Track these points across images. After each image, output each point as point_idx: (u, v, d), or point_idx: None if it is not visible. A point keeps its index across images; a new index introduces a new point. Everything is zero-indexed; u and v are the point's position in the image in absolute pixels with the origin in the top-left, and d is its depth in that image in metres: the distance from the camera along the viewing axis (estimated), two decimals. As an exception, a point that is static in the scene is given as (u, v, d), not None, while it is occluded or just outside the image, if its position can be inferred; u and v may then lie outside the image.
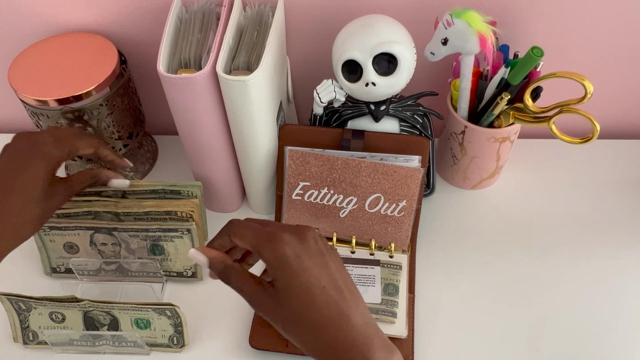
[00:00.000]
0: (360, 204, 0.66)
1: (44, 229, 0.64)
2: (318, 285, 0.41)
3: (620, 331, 0.63)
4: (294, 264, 0.41)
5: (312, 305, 0.41)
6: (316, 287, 0.41)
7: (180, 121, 0.62)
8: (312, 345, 0.41)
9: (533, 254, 0.69)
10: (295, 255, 0.42)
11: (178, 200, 0.65)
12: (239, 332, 0.63)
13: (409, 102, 0.67)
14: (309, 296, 0.41)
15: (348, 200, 0.66)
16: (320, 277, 0.42)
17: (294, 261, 0.41)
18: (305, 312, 0.41)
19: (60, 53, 0.68)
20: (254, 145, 0.64)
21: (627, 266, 0.68)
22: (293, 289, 0.41)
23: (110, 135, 0.70)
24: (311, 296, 0.41)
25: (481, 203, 0.75)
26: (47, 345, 0.62)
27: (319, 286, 0.41)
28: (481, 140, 0.69)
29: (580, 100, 0.60)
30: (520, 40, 0.71)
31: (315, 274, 0.42)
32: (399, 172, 0.64)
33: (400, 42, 0.60)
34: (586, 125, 0.61)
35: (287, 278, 0.41)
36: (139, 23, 0.71)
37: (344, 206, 0.66)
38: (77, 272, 0.66)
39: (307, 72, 0.76)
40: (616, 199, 0.75)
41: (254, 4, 0.65)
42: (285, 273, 0.41)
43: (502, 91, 0.64)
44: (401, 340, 0.60)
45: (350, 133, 0.66)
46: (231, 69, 0.60)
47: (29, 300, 0.60)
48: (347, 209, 0.66)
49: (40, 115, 0.66)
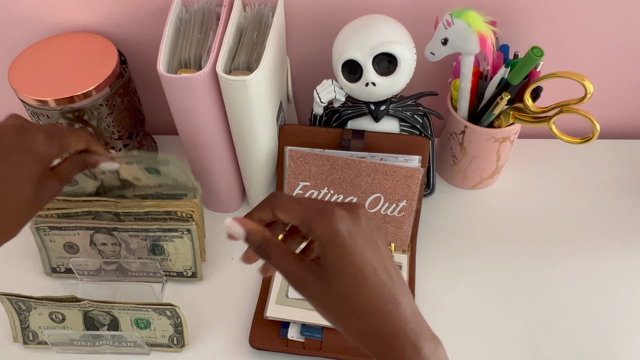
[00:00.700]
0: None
1: (44, 229, 0.64)
2: (370, 266, 0.38)
3: (620, 331, 0.63)
4: (347, 241, 0.38)
5: (363, 288, 0.38)
6: (368, 269, 0.38)
7: (180, 121, 0.62)
8: (357, 330, 0.38)
9: (533, 254, 0.69)
10: (349, 232, 0.39)
11: (178, 200, 0.65)
12: (239, 332, 0.63)
13: (409, 102, 0.67)
14: (359, 278, 0.38)
15: (348, 200, 0.66)
16: (372, 259, 0.39)
17: (347, 238, 0.38)
18: (354, 295, 0.38)
19: (60, 53, 0.68)
20: (254, 145, 0.64)
21: (628, 266, 0.68)
22: (343, 269, 0.38)
23: (110, 135, 0.70)
24: (362, 278, 0.38)
25: (481, 203, 0.75)
26: (47, 345, 0.62)
27: (371, 268, 0.38)
28: (481, 140, 0.69)
29: (580, 100, 0.60)
30: (520, 40, 0.71)
31: (368, 254, 0.39)
32: (399, 172, 0.64)
33: (400, 42, 0.60)
34: (586, 125, 0.61)
35: (338, 256, 0.38)
36: (139, 23, 0.71)
37: (344, 206, 0.66)
38: (77, 272, 0.66)
39: (307, 72, 0.76)
40: (616, 199, 0.75)
41: (254, 4, 0.65)
42: (337, 250, 0.38)
43: (502, 91, 0.64)
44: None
45: (350, 133, 0.66)
46: (231, 69, 0.60)
47: (29, 300, 0.60)
48: (347, 209, 0.66)
49: (40, 115, 0.66)
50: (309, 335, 0.61)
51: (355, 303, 0.38)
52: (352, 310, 0.38)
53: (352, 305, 0.38)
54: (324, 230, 0.39)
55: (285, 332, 0.61)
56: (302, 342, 0.61)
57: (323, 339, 0.61)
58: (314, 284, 0.39)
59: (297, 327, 0.62)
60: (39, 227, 0.64)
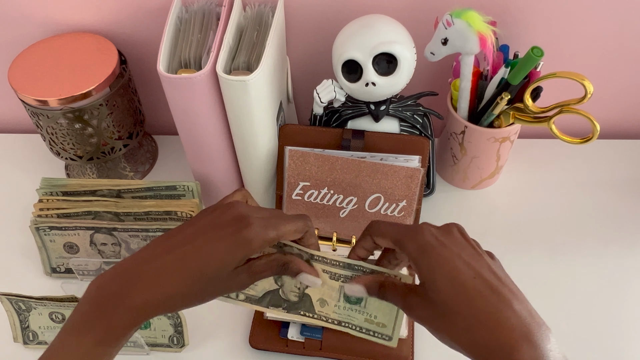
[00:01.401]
0: (361, 204, 0.65)
1: (44, 229, 0.64)
2: (467, 274, 0.38)
3: (620, 331, 0.63)
4: (437, 250, 0.39)
5: (462, 297, 0.37)
6: (465, 277, 0.37)
7: (180, 121, 0.62)
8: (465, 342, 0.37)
9: (533, 254, 0.69)
10: (438, 243, 0.39)
11: (178, 200, 0.65)
12: (239, 332, 0.63)
13: (409, 102, 0.67)
14: (456, 286, 0.37)
15: (348, 200, 0.66)
16: (470, 267, 0.38)
17: (437, 248, 0.39)
18: (454, 303, 0.37)
19: (60, 53, 0.68)
20: (254, 145, 0.64)
21: (628, 266, 0.68)
22: (438, 278, 0.38)
23: (110, 135, 0.70)
24: (460, 286, 0.37)
25: (481, 203, 0.75)
26: (47, 345, 0.62)
27: (469, 276, 0.38)
28: (481, 140, 0.69)
29: (580, 100, 0.60)
30: (520, 40, 0.71)
31: (463, 262, 0.38)
32: (399, 172, 0.64)
33: (400, 42, 0.60)
34: (586, 125, 0.61)
35: (429, 266, 0.38)
36: (139, 23, 0.71)
37: (344, 206, 0.66)
38: (77, 272, 0.66)
39: (307, 72, 0.76)
40: (616, 199, 0.75)
41: (254, 4, 0.65)
42: (428, 261, 0.39)
43: (502, 91, 0.64)
44: (401, 340, 0.60)
45: (350, 133, 0.66)
46: (231, 69, 0.60)
47: (29, 300, 0.60)
48: (347, 209, 0.66)
49: (40, 115, 0.66)
50: (309, 335, 0.61)
51: (458, 312, 0.37)
52: (454, 320, 0.37)
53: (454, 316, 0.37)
54: (413, 245, 0.40)
55: (285, 332, 0.61)
56: (302, 342, 0.61)
57: (323, 339, 0.61)
58: (417, 304, 0.40)
59: (297, 327, 0.62)
60: (39, 227, 0.64)
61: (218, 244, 0.41)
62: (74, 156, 0.70)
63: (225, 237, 0.41)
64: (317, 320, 0.49)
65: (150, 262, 0.41)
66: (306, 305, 0.49)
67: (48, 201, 0.65)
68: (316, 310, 0.49)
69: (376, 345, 0.60)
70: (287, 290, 0.50)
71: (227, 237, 0.41)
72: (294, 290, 0.49)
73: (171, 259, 0.41)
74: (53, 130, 0.68)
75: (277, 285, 0.50)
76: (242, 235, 0.41)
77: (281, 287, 0.50)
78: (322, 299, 0.48)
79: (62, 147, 0.70)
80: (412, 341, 0.61)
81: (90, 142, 0.69)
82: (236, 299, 0.49)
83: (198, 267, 0.41)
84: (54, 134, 0.68)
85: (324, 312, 0.49)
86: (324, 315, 0.49)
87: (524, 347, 0.35)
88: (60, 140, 0.69)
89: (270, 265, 0.44)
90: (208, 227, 0.42)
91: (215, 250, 0.41)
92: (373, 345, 0.60)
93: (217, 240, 0.41)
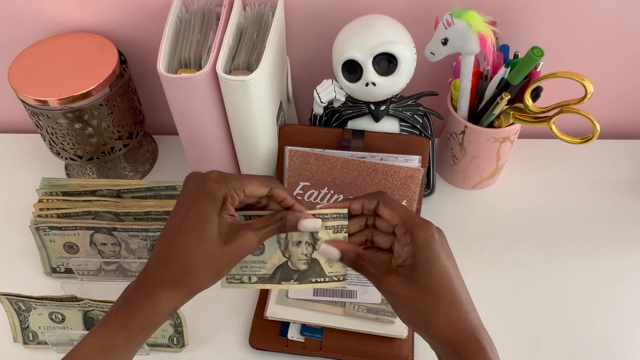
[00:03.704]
0: (360, 204, 0.65)
1: (44, 229, 0.64)
2: (454, 272, 0.46)
3: (620, 331, 0.63)
4: (438, 247, 0.46)
5: (448, 287, 0.45)
6: (452, 274, 0.46)
7: (180, 121, 0.62)
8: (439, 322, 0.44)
9: (533, 254, 0.69)
10: (441, 242, 0.47)
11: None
12: (239, 332, 0.63)
13: (409, 102, 0.67)
14: (446, 278, 0.45)
15: (348, 200, 0.66)
16: (454, 268, 0.47)
17: (439, 245, 0.46)
18: (442, 291, 0.45)
19: (60, 53, 0.68)
20: (254, 145, 0.64)
21: (628, 266, 0.68)
22: (433, 269, 0.45)
23: (111, 135, 0.70)
24: (448, 279, 0.45)
25: (481, 203, 0.75)
26: (47, 345, 0.62)
27: (454, 274, 0.46)
28: (481, 140, 0.69)
29: (580, 100, 0.60)
30: (520, 40, 0.71)
31: (452, 263, 0.47)
32: (399, 173, 0.64)
33: (401, 42, 0.60)
34: (586, 125, 0.61)
35: (430, 257, 0.45)
36: (139, 23, 0.71)
37: (344, 206, 0.66)
38: (77, 272, 0.66)
39: (307, 72, 0.76)
40: (616, 199, 0.75)
41: (254, 4, 0.65)
42: (431, 252, 0.45)
43: (502, 91, 0.64)
44: (401, 340, 0.60)
45: (350, 133, 0.66)
46: (231, 69, 0.60)
47: (29, 300, 0.60)
48: (347, 209, 0.66)
49: (40, 115, 0.66)
50: (309, 335, 0.61)
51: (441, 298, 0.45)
52: (436, 304, 0.44)
53: (437, 300, 0.45)
54: (422, 235, 0.46)
55: (285, 332, 0.61)
56: (302, 342, 0.61)
57: (323, 339, 0.61)
58: (400, 284, 0.46)
59: (297, 327, 0.62)
60: (39, 227, 0.64)
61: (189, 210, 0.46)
62: (74, 156, 0.70)
63: (191, 199, 0.46)
64: (329, 283, 0.51)
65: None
66: (316, 271, 0.51)
67: (48, 201, 0.65)
68: (327, 272, 0.51)
69: (376, 345, 0.60)
70: (295, 259, 0.51)
71: (193, 199, 0.46)
72: (302, 258, 0.51)
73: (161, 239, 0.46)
74: (53, 130, 0.68)
75: (285, 257, 0.51)
76: (205, 189, 0.46)
77: (289, 258, 0.51)
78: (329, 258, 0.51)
79: (62, 147, 0.70)
80: (412, 341, 0.61)
81: (90, 142, 0.69)
82: (249, 282, 0.51)
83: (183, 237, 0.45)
84: (54, 134, 0.68)
85: (334, 271, 0.51)
86: (335, 275, 0.51)
87: (482, 332, 0.45)
88: (60, 140, 0.69)
89: (268, 221, 0.48)
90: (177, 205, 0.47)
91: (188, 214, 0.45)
92: (373, 345, 0.60)
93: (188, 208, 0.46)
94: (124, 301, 0.45)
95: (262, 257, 0.51)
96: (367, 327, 0.60)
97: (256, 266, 0.51)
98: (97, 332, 0.44)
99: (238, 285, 0.51)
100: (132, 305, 0.44)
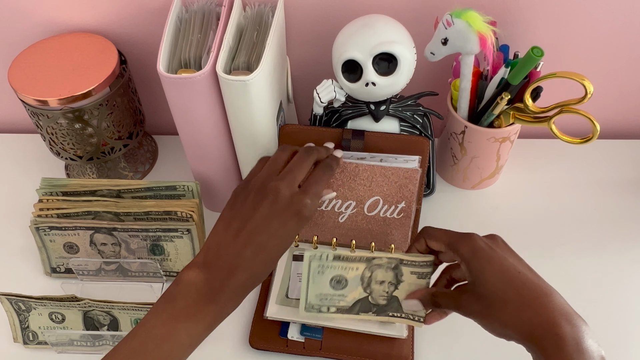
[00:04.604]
0: (359, 208, 0.65)
1: (44, 229, 0.64)
2: (513, 270, 0.46)
3: (620, 331, 0.63)
4: (487, 252, 0.47)
5: (510, 287, 0.45)
6: (511, 272, 0.46)
7: (180, 121, 0.62)
8: (513, 322, 0.44)
9: (533, 254, 0.69)
10: (487, 247, 0.47)
11: (178, 200, 0.65)
12: (239, 332, 0.63)
13: (409, 102, 0.67)
14: (504, 279, 0.45)
15: (347, 204, 0.66)
16: (515, 264, 0.47)
17: (487, 250, 0.47)
18: (503, 293, 0.45)
19: (60, 53, 0.68)
20: (254, 145, 0.64)
21: (628, 266, 0.68)
22: (488, 276, 0.46)
23: (111, 135, 0.70)
24: (507, 279, 0.45)
25: (481, 203, 0.75)
26: (47, 345, 0.62)
27: (515, 271, 0.46)
28: (481, 140, 0.69)
29: (580, 100, 0.60)
30: (520, 40, 0.71)
31: (510, 261, 0.47)
32: (396, 174, 0.63)
33: (400, 42, 0.60)
34: (586, 125, 0.61)
35: (480, 266, 0.47)
36: (139, 23, 0.71)
37: (343, 211, 0.66)
38: (77, 272, 0.66)
39: (307, 72, 0.76)
40: (616, 199, 0.75)
41: (254, 4, 0.65)
42: (479, 261, 0.47)
43: (502, 91, 0.64)
44: (401, 340, 0.60)
45: (350, 133, 0.66)
46: (231, 69, 0.60)
47: (29, 300, 0.60)
48: (346, 214, 0.66)
49: (40, 115, 0.66)
50: (309, 335, 0.61)
51: (507, 299, 0.45)
52: (504, 306, 0.45)
53: (504, 302, 0.45)
54: (466, 249, 0.48)
55: (285, 332, 0.61)
56: (302, 342, 0.61)
57: (323, 339, 0.61)
58: (468, 301, 0.47)
59: (297, 327, 0.62)
60: (39, 227, 0.64)
61: (285, 229, 0.51)
62: (74, 156, 0.70)
63: (288, 220, 0.51)
64: (406, 320, 0.55)
65: (231, 248, 0.49)
66: (394, 307, 0.55)
67: (48, 201, 0.65)
68: (404, 308, 0.55)
69: (376, 345, 0.60)
70: (377, 295, 0.56)
71: (290, 220, 0.51)
72: (383, 294, 0.55)
73: (253, 249, 0.49)
74: (53, 130, 0.68)
75: (366, 293, 0.56)
76: (302, 216, 0.51)
77: (370, 294, 0.56)
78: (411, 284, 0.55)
79: (62, 147, 0.70)
80: (412, 341, 0.61)
81: (90, 142, 0.69)
82: (327, 312, 0.56)
83: (276, 250, 0.51)
84: (54, 134, 0.68)
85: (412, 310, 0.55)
86: (412, 314, 0.55)
87: (564, 323, 0.42)
88: (60, 140, 0.69)
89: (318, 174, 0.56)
90: (271, 216, 0.51)
91: (285, 234, 0.51)
92: (373, 345, 0.60)
93: (283, 226, 0.50)
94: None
95: (343, 291, 0.56)
96: (367, 327, 0.60)
97: (336, 299, 0.56)
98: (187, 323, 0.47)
99: (317, 314, 0.56)
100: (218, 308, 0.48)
